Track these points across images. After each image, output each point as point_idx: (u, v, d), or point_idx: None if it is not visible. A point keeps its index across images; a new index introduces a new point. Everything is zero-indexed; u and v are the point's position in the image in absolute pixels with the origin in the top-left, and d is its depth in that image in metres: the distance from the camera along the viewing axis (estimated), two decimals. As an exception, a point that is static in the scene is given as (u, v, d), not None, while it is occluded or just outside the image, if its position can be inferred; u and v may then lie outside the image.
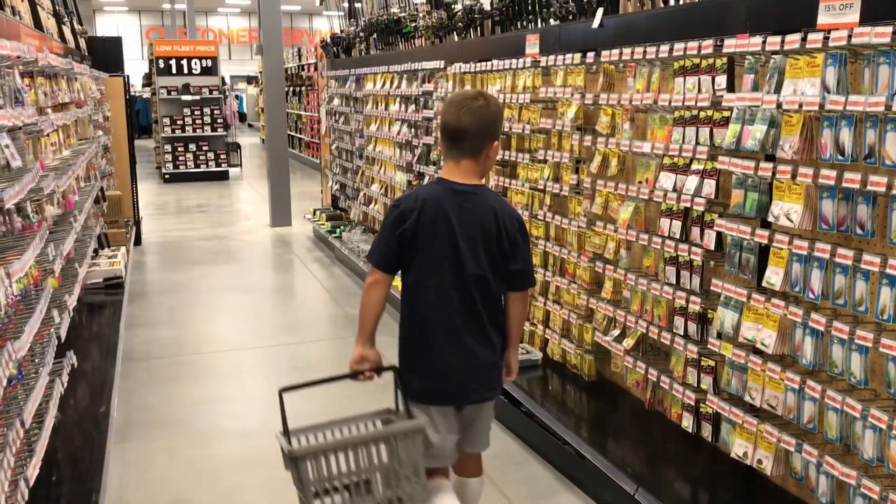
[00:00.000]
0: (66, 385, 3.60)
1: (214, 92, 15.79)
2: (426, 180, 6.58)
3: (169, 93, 15.54)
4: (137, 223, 9.56)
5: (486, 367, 2.76)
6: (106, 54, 10.05)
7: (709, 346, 3.32)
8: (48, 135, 4.44)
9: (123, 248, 7.41)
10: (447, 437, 2.77)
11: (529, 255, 2.81)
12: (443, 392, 2.76)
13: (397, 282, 2.82)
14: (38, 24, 5.39)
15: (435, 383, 2.75)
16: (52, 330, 3.51)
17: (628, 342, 3.90)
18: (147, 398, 4.85)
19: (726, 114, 3.11)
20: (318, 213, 10.18)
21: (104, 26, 35.84)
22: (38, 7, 5.61)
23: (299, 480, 2.48)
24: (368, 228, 8.70)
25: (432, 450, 2.72)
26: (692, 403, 3.46)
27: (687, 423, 3.51)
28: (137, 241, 9.47)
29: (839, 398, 2.63)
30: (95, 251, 6.83)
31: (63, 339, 3.72)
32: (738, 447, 3.14)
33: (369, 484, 2.57)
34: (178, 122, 15.64)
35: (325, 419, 2.72)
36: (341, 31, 9.83)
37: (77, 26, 9.04)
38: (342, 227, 9.02)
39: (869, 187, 2.46)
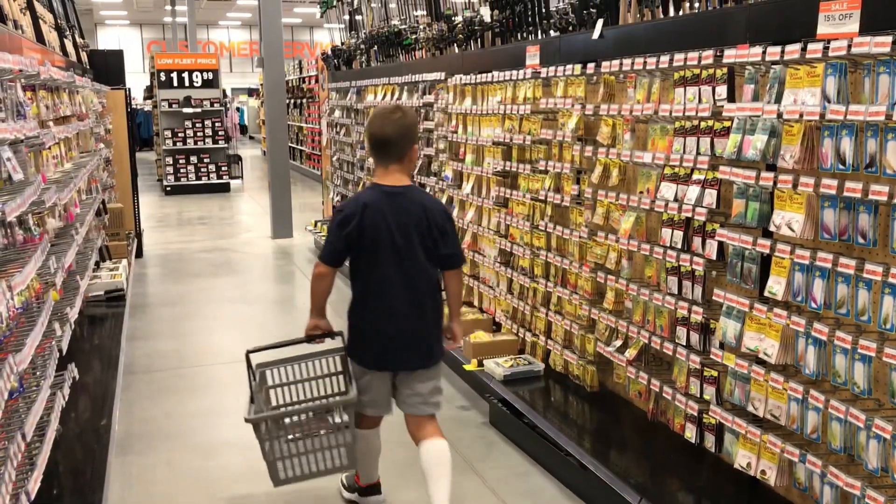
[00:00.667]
0: (67, 398, 3.59)
1: (215, 104, 15.83)
2: (427, 191, 6.58)
3: (170, 105, 15.58)
4: (139, 235, 9.57)
5: (423, 341, 3.32)
6: (108, 67, 10.07)
7: (711, 356, 3.31)
8: (50, 148, 4.44)
9: (125, 261, 7.41)
10: (382, 394, 3.36)
11: (457, 239, 3.39)
12: (384, 362, 3.32)
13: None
14: (40, 37, 5.40)
15: (378, 355, 3.32)
16: (53, 342, 3.51)
17: (630, 353, 3.89)
18: (148, 411, 4.84)
19: (727, 124, 3.11)
20: (319, 224, 10.18)
21: (106, 39, 35.99)
22: (41, 21, 5.62)
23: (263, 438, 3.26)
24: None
25: (369, 401, 3.34)
26: (695, 414, 3.45)
27: (690, 433, 3.50)
28: (139, 254, 9.47)
29: (843, 408, 2.62)
30: (97, 264, 6.83)
31: (64, 352, 3.71)
32: (742, 458, 3.13)
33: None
34: (180, 135, 15.66)
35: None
36: (342, 44, 9.86)
37: (79, 39, 9.06)
38: (343, 239, 9.00)
39: (870, 196, 2.46)
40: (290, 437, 3.28)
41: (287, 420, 3.32)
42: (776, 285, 2.87)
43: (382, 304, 3.28)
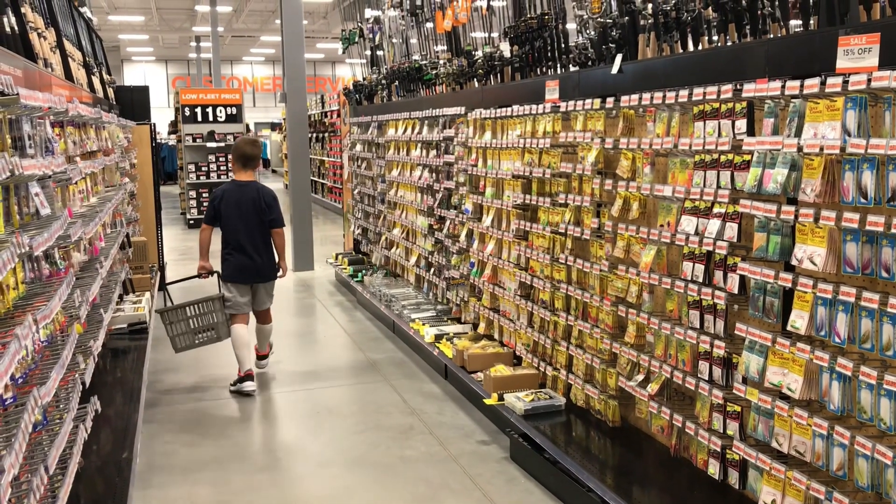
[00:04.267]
0: (89, 431, 3.61)
1: (239, 138, 15.99)
2: (447, 224, 6.62)
3: (194, 140, 15.79)
4: (162, 268, 9.65)
5: (263, 266, 5.83)
6: (133, 103, 10.21)
7: (734, 391, 3.28)
8: (76, 183, 4.52)
9: (148, 294, 7.48)
10: (242, 298, 5.84)
11: (279, 211, 5.86)
12: (242, 277, 5.82)
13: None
14: (68, 74, 5.52)
15: (238, 274, 5.79)
16: (76, 375, 3.54)
17: (652, 387, 3.86)
18: (170, 444, 4.85)
19: (747, 157, 3.11)
20: (340, 257, 10.24)
21: (132, 75, 36.67)
22: (69, 58, 5.74)
23: (169, 322, 5.78)
24: (390, 272, 8.72)
25: (235, 304, 5.81)
26: (718, 450, 3.41)
27: (713, 469, 3.45)
28: (161, 287, 9.55)
29: (869, 445, 2.58)
30: (120, 297, 6.90)
31: (87, 385, 3.74)
32: (766, 495, 3.08)
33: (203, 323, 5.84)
34: (203, 169, 15.85)
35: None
36: (364, 79, 9.97)
37: (106, 76, 9.24)
38: (364, 272, 9.05)
39: (893, 230, 2.44)
40: (190, 323, 5.76)
41: (188, 311, 5.77)
42: (799, 319, 2.85)
43: (238, 247, 5.74)
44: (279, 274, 5.93)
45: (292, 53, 10.73)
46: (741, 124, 3.18)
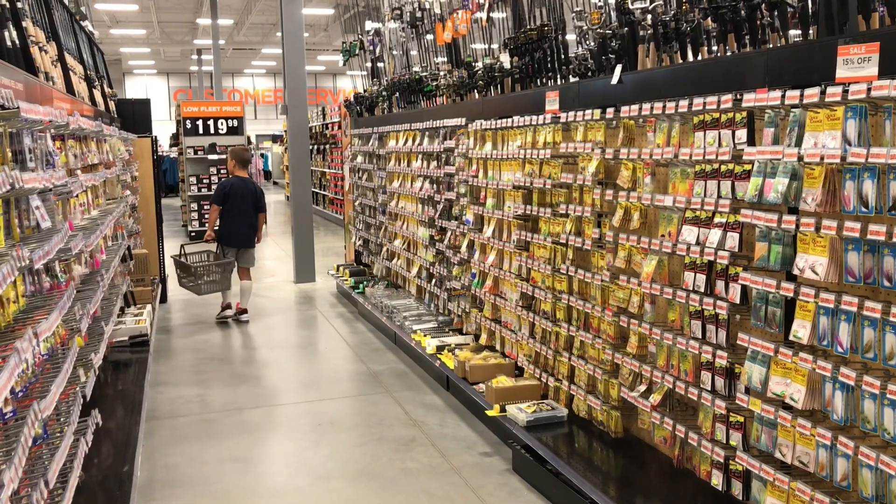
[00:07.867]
0: (90, 444, 3.60)
1: (240, 151, 16.00)
2: (448, 235, 6.62)
3: (195, 152, 15.81)
4: (163, 281, 9.65)
5: (249, 237, 8.42)
6: (135, 116, 10.23)
7: (737, 401, 3.26)
8: (77, 195, 4.52)
9: (149, 306, 7.47)
10: (233, 258, 8.39)
11: (264, 200, 8.62)
12: (234, 242, 8.36)
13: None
14: (70, 88, 5.53)
15: (233, 240, 8.34)
16: (77, 389, 3.53)
17: (655, 398, 3.85)
18: (171, 457, 4.83)
19: (747, 167, 3.11)
20: (341, 268, 10.23)
21: (133, 88, 36.79)
22: (71, 72, 5.76)
23: (185, 275, 8.34)
24: (392, 284, 8.71)
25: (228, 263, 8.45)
26: (721, 460, 3.39)
27: (717, 480, 3.43)
28: (163, 299, 9.55)
29: (873, 455, 2.56)
30: (121, 309, 6.89)
31: (88, 398, 3.73)
32: (771, 506, 3.07)
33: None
34: (205, 181, 15.85)
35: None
36: (364, 91, 10.00)
37: (107, 89, 9.26)
38: (365, 283, 9.04)
39: (895, 239, 2.43)
40: (206, 276, 8.17)
41: (207, 268, 8.19)
42: (801, 329, 2.84)
43: (234, 222, 8.20)
44: (257, 241, 8.58)
45: (293, 66, 10.76)
46: (741, 134, 3.18)
